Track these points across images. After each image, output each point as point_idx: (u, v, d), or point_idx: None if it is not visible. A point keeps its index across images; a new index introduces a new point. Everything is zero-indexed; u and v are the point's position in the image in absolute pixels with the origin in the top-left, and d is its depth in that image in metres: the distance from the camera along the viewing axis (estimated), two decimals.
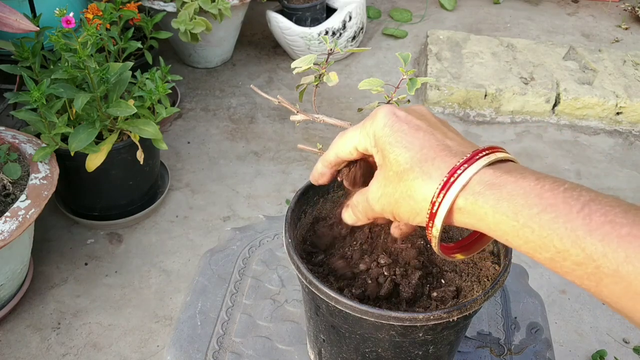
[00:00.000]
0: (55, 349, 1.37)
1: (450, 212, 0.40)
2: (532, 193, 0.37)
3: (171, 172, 1.83)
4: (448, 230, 0.63)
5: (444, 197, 0.40)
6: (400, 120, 0.44)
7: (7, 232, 1.18)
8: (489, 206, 0.38)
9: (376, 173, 0.46)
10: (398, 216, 0.44)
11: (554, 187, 0.36)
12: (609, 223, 0.34)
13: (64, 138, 1.37)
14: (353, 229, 0.62)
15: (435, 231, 0.41)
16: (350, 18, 2.32)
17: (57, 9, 1.23)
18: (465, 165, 0.39)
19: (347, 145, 0.48)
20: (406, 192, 0.42)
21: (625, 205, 0.35)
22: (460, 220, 0.40)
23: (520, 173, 0.38)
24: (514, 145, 2.06)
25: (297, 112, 0.53)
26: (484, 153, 0.40)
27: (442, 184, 0.40)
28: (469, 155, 0.40)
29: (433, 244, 0.42)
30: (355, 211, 0.49)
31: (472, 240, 0.47)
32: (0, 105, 1.69)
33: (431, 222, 0.41)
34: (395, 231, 0.51)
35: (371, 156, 0.47)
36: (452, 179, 0.39)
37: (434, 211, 0.40)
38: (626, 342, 1.44)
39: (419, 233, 0.60)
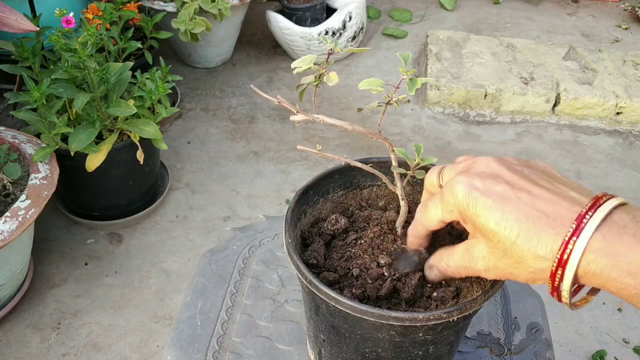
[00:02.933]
0: (55, 349, 1.37)
1: (580, 259, 0.39)
2: None
3: (171, 172, 1.83)
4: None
5: (574, 243, 0.39)
6: (483, 195, 0.43)
7: (7, 232, 1.18)
8: (607, 277, 0.38)
9: (473, 242, 0.46)
10: (513, 277, 0.44)
11: None
12: None
13: (64, 138, 1.37)
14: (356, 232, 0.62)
15: (566, 282, 0.40)
16: (350, 18, 2.32)
17: (57, 9, 1.23)
18: (590, 213, 0.39)
19: (432, 220, 0.48)
20: (522, 262, 0.41)
21: None
22: (593, 265, 0.39)
23: (633, 235, 0.38)
24: (514, 145, 2.06)
25: (297, 112, 0.53)
26: (605, 199, 0.40)
27: (570, 233, 0.39)
28: (590, 203, 0.40)
29: (563, 296, 0.41)
30: (446, 273, 0.51)
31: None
32: (0, 105, 1.69)
33: (560, 270, 0.40)
34: (430, 274, 0.54)
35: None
36: (581, 224, 0.39)
37: (564, 258, 0.39)
38: (626, 342, 1.44)
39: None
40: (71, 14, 1.24)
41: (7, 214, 1.21)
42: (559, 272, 0.39)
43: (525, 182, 0.43)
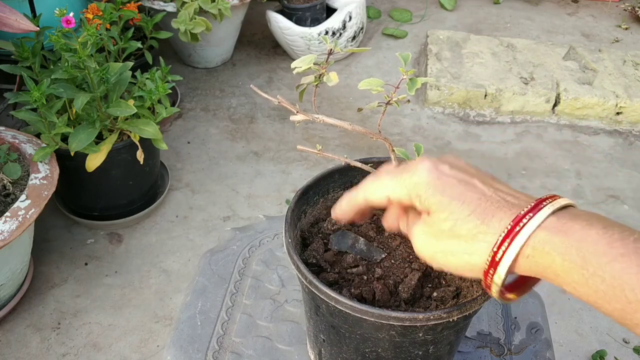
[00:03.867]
0: (55, 349, 1.37)
1: (515, 260, 0.40)
2: (601, 241, 0.37)
3: (171, 172, 1.83)
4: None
5: (509, 245, 0.40)
6: (445, 175, 0.44)
7: (7, 232, 1.18)
8: (557, 253, 0.38)
9: (420, 224, 0.46)
10: (445, 267, 0.45)
11: (624, 237, 0.36)
12: None
13: (64, 138, 1.37)
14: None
15: (497, 279, 0.41)
16: (350, 18, 2.32)
17: (57, 9, 1.23)
18: (531, 214, 0.40)
19: (378, 192, 0.47)
20: (461, 247, 0.42)
21: None
22: (526, 267, 0.40)
23: (586, 220, 0.38)
24: (514, 145, 2.06)
25: (297, 112, 0.53)
26: (548, 201, 0.40)
27: (505, 232, 0.40)
28: (532, 204, 0.40)
29: (493, 291, 0.42)
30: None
31: (524, 281, 0.46)
32: (0, 105, 1.69)
33: (492, 269, 0.41)
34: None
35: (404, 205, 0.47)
36: (517, 228, 0.39)
37: (497, 259, 0.40)
38: (626, 342, 1.44)
39: None
40: (71, 14, 1.24)
41: (7, 214, 1.21)
42: (503, 246, 0.40)
43: (491, 181, 0.45)
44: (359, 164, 0.58)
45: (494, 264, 0.41)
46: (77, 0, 1.85)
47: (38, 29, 1.32)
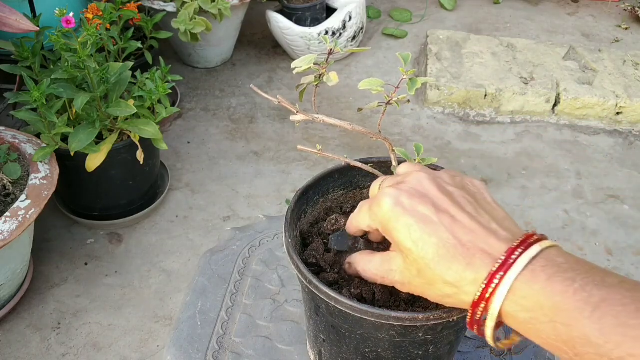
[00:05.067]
0: (55, 349, 1.37)
1: (505, 298, 0.39)
2: (555, 298, 0.37)
3: (171, 172, 1.83)
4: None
5: (501, 279, 0.39)
6: (406, 213, 0.43)
7: (7, 232, 1.18)
8: (537, 289, 0.37)
9: (393, 255, 0.46)
10: (424, 295, 0.45)
11: (565, 289, 0.36)
12: (621, 326, 0.34)
13: (64, 138, 1.37)
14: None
15: (491, 318, 0.40)
16: (350, 18, 2.32)
17: (57, 9, 1.23)
18: (502, 273, 0.39)
19: (361, 223, 0.49)
20: (433, 284, 0.42)
21: (638, 300, 0.34)
22: (514, 305, 0.39)
23: (552, 272, 0.38)
24: (514, 145, 2.06)
25: (297, 112, 0.53)
26: (535, 238, 0.40)
27: (497, 267, 0.39)
28: (505, 254, 0.39)
29: (487, 334, 0.41)
30: (364, 276, 0.50)
31: None
32: (0, 105, 1.69)
33: (483, 303, 0.40)
34: (348, 270, 0.54)
35: None
36: (510, 260, 0.39)
37: (486, 295, 0.39)
38: None
39: None
40: (71, 14, 1.24)
41: (7, 214, 1.21)
42: (482, 305, 0.40)
43: (451, 206, 0.43)
44: (359, 164, 0.58)
45: (483, 299, 0.40)
46: (77, 0, 1.85)
47: (38, 29, 1.32)
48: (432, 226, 0.42)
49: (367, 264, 0.49)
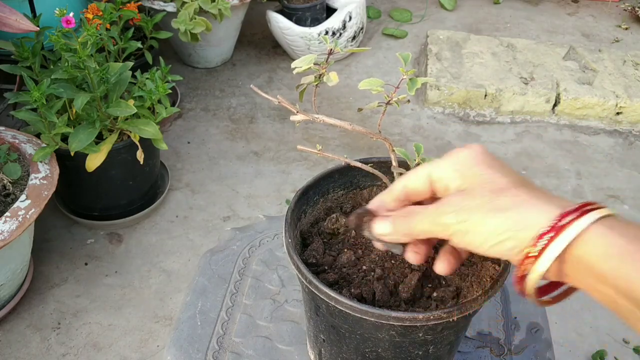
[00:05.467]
0: (55, 349, 1.37)
1: (569, 246, 0.37)
2: (628, 246, 0.36)
3: (171, 172, 1.83)
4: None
5: (579, 217, 0.37)
6: (490, 157, 0.44)
7: (7, 232, 1.18)
8: (617, 246, 0.36)
9: (447, 197, 0.44)
10: (471, 232, 0.41)
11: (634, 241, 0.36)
12: None
13: (64, 138, 1.37)
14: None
15: (541, 266, 0.38)
16: (350, 18, 2.32)
17: (57, 9, 1.23)
18: (586, 208, 0.38)
19: (419, 174, 0.46)
20: (502, 205, 0.40)
21: None
22: (578, 257, 0.37)
23: (624, 224, 0.37)
24: (514, 145, 2.06)
25: (297, 112, 0.53)
26: (594, 206, 0.39)
27: (563, 214, 0.38)
28: (580, 204, 0.39)
29: (530, 283, 0.39)
30: (398, 223, 0.46)
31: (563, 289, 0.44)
32: (0, 105, 1.69)
33: (551, 234, 0.38)
34: (411, 256, 0.48)
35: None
36: (585, 207, 0.38)
37: (561, 223, 0.37)
38: (626, 342, 1.44)
39: None
40: (71, 14, 1.24)
41: (7, 214, 1.21)
42: (548, 236, 0.38)
43: (522, 180, 0.43)
44: (359, 164, 0.58)
45: (537, 248, 0.38)
46: (77, 0, 1.85)
47: (38, 29, 1.32)
48: (513, 172, 0.43)
49: (414, 217, 0.45)
